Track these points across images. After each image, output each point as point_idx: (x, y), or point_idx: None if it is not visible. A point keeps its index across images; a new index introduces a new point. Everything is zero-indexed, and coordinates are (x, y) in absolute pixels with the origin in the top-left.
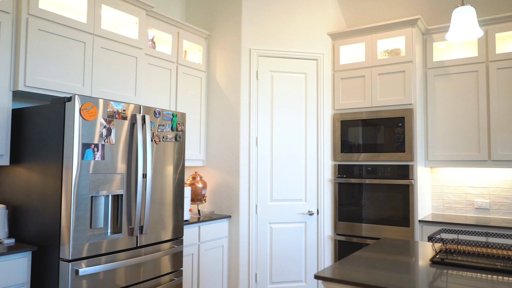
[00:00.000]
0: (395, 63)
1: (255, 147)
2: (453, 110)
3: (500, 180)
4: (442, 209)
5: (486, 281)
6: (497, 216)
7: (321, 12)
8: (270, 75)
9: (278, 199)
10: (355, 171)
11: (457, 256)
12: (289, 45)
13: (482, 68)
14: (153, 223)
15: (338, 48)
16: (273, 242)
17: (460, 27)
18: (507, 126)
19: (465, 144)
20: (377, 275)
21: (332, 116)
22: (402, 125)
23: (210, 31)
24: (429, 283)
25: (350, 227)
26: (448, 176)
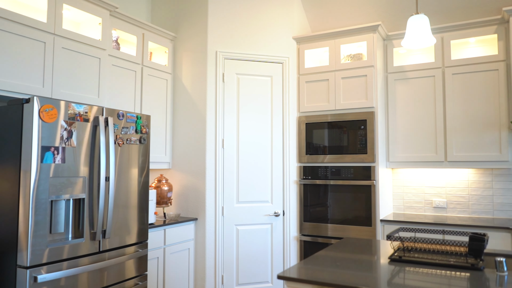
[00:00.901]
0: (357, 68)
1: (221, 149)
2: (412, 113)
3: (456, 180)
4: (402, 208)
5: (440, 276)
6: (454, 215)
7: (287, 16)
8: (236, 78)
9: (245, 201)
10: (319, 173)
11: (414, 253)
12: (255, 48)
13: (438, 73)
14: (116, 227)
15: (303, 52)
16: (240, 243)
17: (415, 35)
18: (462, 128)
19: (424, 146)
20: (338, 273)
21: (297, 119)
22: (364, 127)
23: (176, 33)
24: (387, 280)
25: (316, 227)
26: (408, 176)
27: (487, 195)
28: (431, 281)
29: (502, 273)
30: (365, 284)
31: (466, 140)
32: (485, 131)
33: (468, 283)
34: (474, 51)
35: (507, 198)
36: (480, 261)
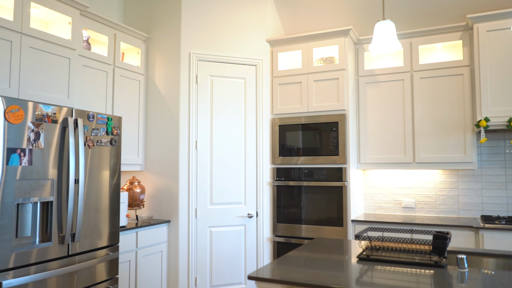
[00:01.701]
0: (329, 71)
1: (194, 151)
2: (383, 115)
3: (424, 180)
4: (373, 208)
5: (406, 274)
6: (422, 214)
7: (260, 19)
8: (210, 80)
9: (218, 203)
10: (293, 174)
11: (382, 252)
12: (229, 50)
13: (407, 77)
14: (86, 230)
15: (276, 55)
16: (213, 245)
17: (381, 40)
18: (429, 131)
19: (393, 148)
20: (308, 273)
21: (270, 121)
22: (336, 129)
23: (149, 33)
24: (356, 278)
25: (289, 228)
26: (379, 177)
27: (453, 195)
28: (397, 278)
29: (463, 270)
30: (334, 283)
31: (433, 142)
32: (451, 134)
33: (431, 280)
34: (441, 56)
35: (472, 198)
36: (443, 259)
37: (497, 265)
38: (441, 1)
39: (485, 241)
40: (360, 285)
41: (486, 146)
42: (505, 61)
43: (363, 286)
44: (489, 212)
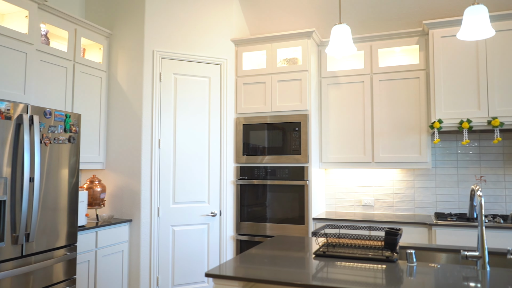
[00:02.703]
0: (292, 71)
1: (157, 149)
2: (344, 116)
3: (382, 179)
4: (334, 207)
5: (360, 269)
6: (380, 212)
7: (225, 18)
8: (174, 78)
9: (181, 202)
10: (256, 173)
11: (338, 248)
12: (194, 49)
13: (367, 79)
14: (42, 230)
15: (241, 54)
16: (176, 244)
17: (338, 43)
18: (387, 131)
19: (353, 147)
20: (264, 269)
21: (235, 120)
22: (299, 129)
23: (111, 30)
24: (311, 274)
25: (253, 227)
26: (340, 176)
27: (409, 193)
28: (351, 273)
29: (412, 264)
30: (289, 279)
31: (391, 143)
32: (408, 134)
33: (383, 274)
34: (399, 60)
35: (427, 196)
36: (395, 254)
37: (447, 259)
38: (399, 7)
39: (437, 237)
40: (315, 281)
41: (440, 147)
42: (457, 66)
43: (318, 281)
44: (443, 209)
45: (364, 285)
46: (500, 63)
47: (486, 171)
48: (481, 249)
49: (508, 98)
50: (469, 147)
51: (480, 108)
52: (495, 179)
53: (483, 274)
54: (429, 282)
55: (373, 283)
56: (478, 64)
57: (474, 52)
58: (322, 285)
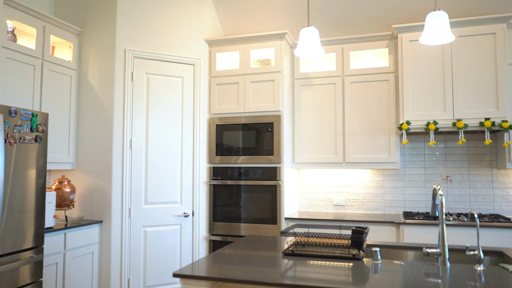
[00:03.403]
0: (265, 72)
1: (129, 149)
2: (316, 117)
3: (353, 179)
4: (307, 206)
5: (327, 267)
6: (351, 211)
7: (199, 18)
8: (146, 78)
9: (153, 202)
10: (229, 173)
11: (307, 247)
12: (166, 48)
13: (339, 81)
14: (8, 232)
15: (214, 55)
16: (148, 245)
17: (306, 45)
18: (358, 132)
19: (325, 148)
20: (232, 269)
21: (208, 120)
22: (271, 130)
23: (82, 27)
24: (279, 272)
25: (226, 227)
26: (312, 177)
27: (379, 193)
28: (318, 271)
29: (377, 261)
30: (257, 278)
31: (361, 143)
32: (378, 135)
33: (349, 272)
34: (370, 62)
35: (396, 196)
36: (361, 252)
37: (414, 257)
38: (370, 10)
39: (405, 235)
40: (282, 279)
41: (408, 148)
42: (424, 70)
43: (285, 279)
44: (411, 208)
45: (330, 282)
46: (465, 68)
47: (452, 171)
48: (441, 246)
49: (472, 101)
50: (435, 148)
51: (445, 111)
52: (460, 179)
53: (443, 270)
54: (392, 278)
55: (339, 280)
56: (444, 68)
57: (441, 56)
58: (288, 283)
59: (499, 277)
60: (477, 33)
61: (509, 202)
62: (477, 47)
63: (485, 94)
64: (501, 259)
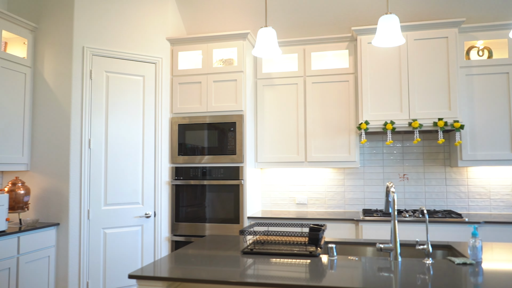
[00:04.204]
0: (228, 72)
1: (87, 149)
2: (279, 117)
3: (315, 178)
4: (270, 205)
5: (286, 264)
6: (313, 210)
7: (161, 17)
8: (106, 76)
9: (113, 203)
10: (192, 173)
11: (266, 245)
12: (127, 46)
13: (301, 82)
14: None
15: (176, 54)
16: (107, 247)
17: (264, 45)
18: (319, 132)
19: (288, 147)
20: (190, 269)
21: (170, 120)
22: (234, 129)
23: (37, 23)
24: (239, 271)
25: (189, 227)
26: (275, 176)
27: (340, 191)
28: (276, 269)
29: (332, 258)
30: (214, 277)
31: (322, 143)
32: (338, 135)
33: (306, 269)
34: (331, 63)
35: (356, 194)
36: (319, 249)
37: (373, 252)
38: (331, 12)
39: (364, 232)
40: (241, 277)
41: (367, 147)
42: (382, 71)
43: (243, 278)
44: (370, 206)
45: (288, 279)
46: (420, 70)
47: (408, 169)
48: (393, 242)
49: (426, 102)
50: (393, 147)
51: (402, 111)
52: (416, 176)
53: (395, 264)
54: (346, 274)
55: (296, 277)
56: (400, 69)
57: (397, 58)
58: (246, 282)
59: (446, 270)
60: (431, 36)
61: (461, 198)
62: (431, 50)
63: (439, 95)
64: (450, 252)
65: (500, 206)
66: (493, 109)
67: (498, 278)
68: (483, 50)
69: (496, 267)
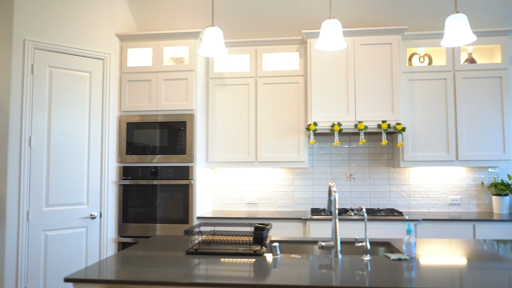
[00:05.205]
0: (179, 71)
1: (28, 148)
2: (230, 117)
3: (265, 178)
4: (221, 205)
5: (230, 264)
6: (263, 209)
7: (109, 12)
8: (49, 71)
9: (56, 204)
10: (141, 173)
11: (212, 245)
12: (73, 41)
13: (252, 82)
14: None
15: (126, 50)
16: (49, 250)
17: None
18: (270, 132)
19: (239, 147)
20: (130, 270)
21: (118, 118)
22: (184, 129)
23: None
24: (183, 272)
25: (137, 228)
26: (226, 176)
27: (289, 191)
28: (221, 269)
29: (276, 256)
30: (154, 278)
31: (273, 143)
32: (288, 135)
33: (250, 268)
34: (283, 65)
35: (305, 193)
36: (263, 248)
37: (318, 250)
38: (283, 14)
39: (311, 231)
40: (185, 278)
41: (316, 147)
42: (330, 74)
43: (188, 278)
44: (318, 205)
45: (231, 278)
46: (365, 74)
47: (355, 169)
48: (334, 240)
49: (371, 105)
50: (340, 148)
51: (349, 113)
52: (362, 176)
53: (335, 261)
54: (289, 272)
55: (239, 276)
56: (347, 73)
57: (345, 62)
58: (188, 282)
59: (383, 265)
60: (376, 42)
61: (403, 197)
62: (376, 55)
63: (383, 98)
64: (389, 249)
65: (438, 204)
66: (432, 112)
67: (430, 272)
68: (424, 57)
69: (428, 262)
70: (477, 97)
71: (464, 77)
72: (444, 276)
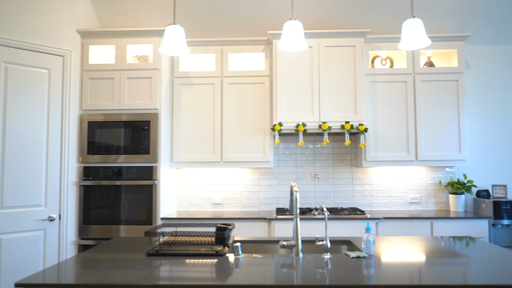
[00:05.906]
0: (143, 69)
1: None
2: (195, 116)
3: (231, 178)
4: (186, 206)
5: (191, 265)
6: (229, 209)
7: (70, 7)
8: (5, 67)
9: (11, 206)
10: (103, 173)
11: (174, 246)
12: (31, 36)
13: (218, 82)
14: None
15: (87, 47)
16: (3, 255)
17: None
18: (235, 132)
19: (204, 147)
20: (86, 274)
21: (79, 117)
22: (148, 128)
23: None
24: (143, 274)
25: (99, 230)
26: (191, 176)
27: (255, 191)
28: (182, 270)
29: (238, 256)
30: (111, 281)
31: (238, 143)
32: (254, 135)
33: (211, 268)
34: (249, 65)
35: (270, 193)
36: (226, 248)
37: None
38: (248, 15)
39: (276, 230)
40: (147, 280)
41: (281, 147)
42: (295, 75)
43: (150, 281)
44: (284, 205)
45: (192, 280)
46: (330, 75)
47: (319, 169)
48: (295, 239)
49: (335, 106)
50: (305, 148)
51: (313, 114)
52: (326, 176)
53: (296, 260)
54: (250, 271)
55: (201, 277)
56: (312, 74)
57: (309, 63)
58: (149, 284)
59: (342, 263)
60: (340, 44)
61: (365, 196)
62: (340, 57)
63: (346, 100)
64: (349, 247)
65: (399, 203)
66: (393, 114)
67: (388, 269)
68: (386, 60)
69: (387, 259)
70: (435, 100)
71: (423, 80)
72: (402, 272)
